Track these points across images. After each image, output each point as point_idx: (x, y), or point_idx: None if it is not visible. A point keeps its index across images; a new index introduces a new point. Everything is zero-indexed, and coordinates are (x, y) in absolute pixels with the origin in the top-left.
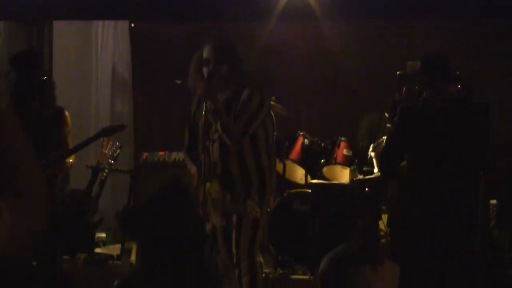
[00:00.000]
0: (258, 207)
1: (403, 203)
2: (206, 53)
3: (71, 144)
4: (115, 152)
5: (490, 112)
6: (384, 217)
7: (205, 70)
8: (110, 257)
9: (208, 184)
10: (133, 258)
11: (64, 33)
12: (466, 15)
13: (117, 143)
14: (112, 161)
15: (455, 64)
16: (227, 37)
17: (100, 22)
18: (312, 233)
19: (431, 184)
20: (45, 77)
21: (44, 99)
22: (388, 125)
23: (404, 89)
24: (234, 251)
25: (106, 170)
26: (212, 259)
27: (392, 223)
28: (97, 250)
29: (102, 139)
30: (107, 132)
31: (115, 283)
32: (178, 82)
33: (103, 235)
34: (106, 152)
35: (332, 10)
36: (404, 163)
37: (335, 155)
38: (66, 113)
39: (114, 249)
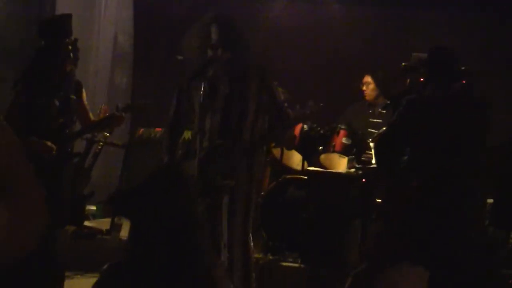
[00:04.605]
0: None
1: (398, 198)
2: (214, 35)
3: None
4: None
5: (490, 108)
6: None
7: (210, 52)
8: (99, 231)
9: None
10: (122, 233)
11: (67, 2)
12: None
13: None
14: (107, 134)
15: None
16: (234, 20)
17: None
18: (305, 220)
19: (430, 179)
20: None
21: (75, 60)
22: (383, 111)
23: (408, 80)
24: (224, 234)
25: (101, 143)
26: (206, 245)
27: (384, 219)
28: (87, 223)
29: (98, 111)
30: (130, 108)
31: (104, 268)
32: (180, 57)
33: (94, 207)
34: None
35: None
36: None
37: (334, 143)
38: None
39: (104, 223)
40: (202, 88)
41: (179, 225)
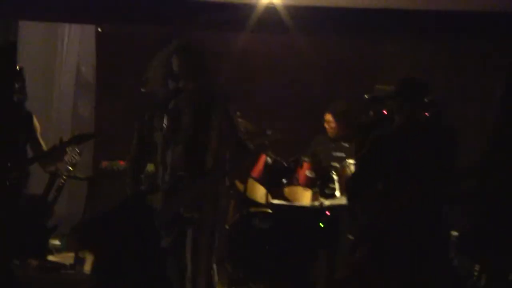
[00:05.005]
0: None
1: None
2: (176, 66)
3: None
4: (74, 158)
5: (457, 136)
6: None
7: (171, 84)
8: (63, 266)
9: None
10: (86, 268)
11: (30, 32)
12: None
13: (77, 149)
14: (71, 168)
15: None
16: (197, 48)
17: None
18: (270, 252)
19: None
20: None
21: (22, 89)
22: (345, 145)
23: (371, 112)
24: (189, 266)
25: (64, 177)
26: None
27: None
28: (50, 257)
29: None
30: (78, 139)
31: None
32: (143, 90)
33: (58, 242)
34: (65, 158)
35: (302, 24)
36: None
37: (298, 176)
38: (34, 118)
39: (68, 258)
40: (165, 120)
41: (143, 255)
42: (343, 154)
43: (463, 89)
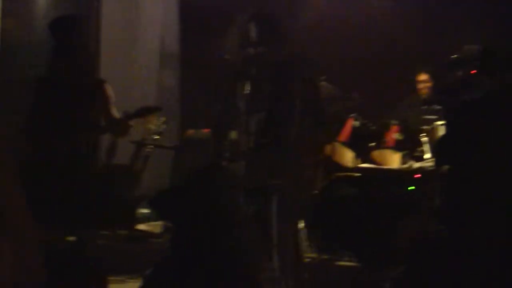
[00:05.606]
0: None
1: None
2: (253, 33)
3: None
4: (160, 127)
5: None
6: None
7: (251, 51)
8: (152, 234)
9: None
10: None
11: (113, 3)
12: None
13: (162, 118)
14: (157, 136)
15: None
16: (275, 14)
17: None
18: (359, 218)
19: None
20: (83, 45)
21: (82, 67)
22: (437, 107)
23: (459, 73)
24: (274, 236)
25: (150, 146)
26: (250, 247)
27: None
28: (140, 226)
29: None
30: (142, 112)
31: (146, 272)
32: (227, 57)
33: (147, 210)
34: (151, 127)
35: None
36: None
37: (386, 139)
38: (106, 85)
39: (157, 226)
40: (246, 88)
41: (220, 224)
42: (434, 117)
43: None
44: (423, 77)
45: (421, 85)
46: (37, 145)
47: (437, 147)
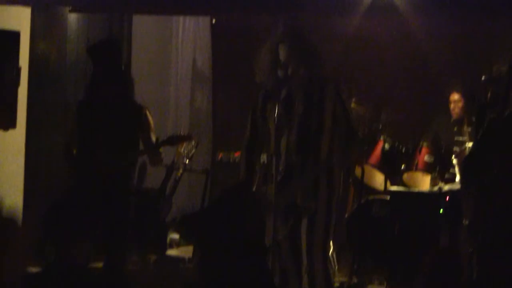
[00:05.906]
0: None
1: (485, 214)
2: (283, 54)
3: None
4: (191, 151)
5: None
6: None
7: (280, 73)
8: (182, 260)
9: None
10: None
11: (144, 26)
12: None
13: (193, 141)
14: (188, 160)
15: None
16: (304, 34)
17: (181, 16)
18: (390, 241)
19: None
20: (122, 67)
21: (121, 90)
22: (468, 129)
23: (489, 93)
24: (304, 258)
25: (181, 170)
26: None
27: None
28: (170, 251)
29: None
30: (174, 140)
31: None
32: (258, 79)
33: (177, 236)
34: (181, 151)
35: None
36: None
37: (416, 161)
38: (148, 111)
39: (188, 251)
40: (276, 109)
41: (250, 248)
42: (465, 138)
43: None
44: (455, 96)
45: (452, 105)
46: (79, 169)
47: (463, 165)
